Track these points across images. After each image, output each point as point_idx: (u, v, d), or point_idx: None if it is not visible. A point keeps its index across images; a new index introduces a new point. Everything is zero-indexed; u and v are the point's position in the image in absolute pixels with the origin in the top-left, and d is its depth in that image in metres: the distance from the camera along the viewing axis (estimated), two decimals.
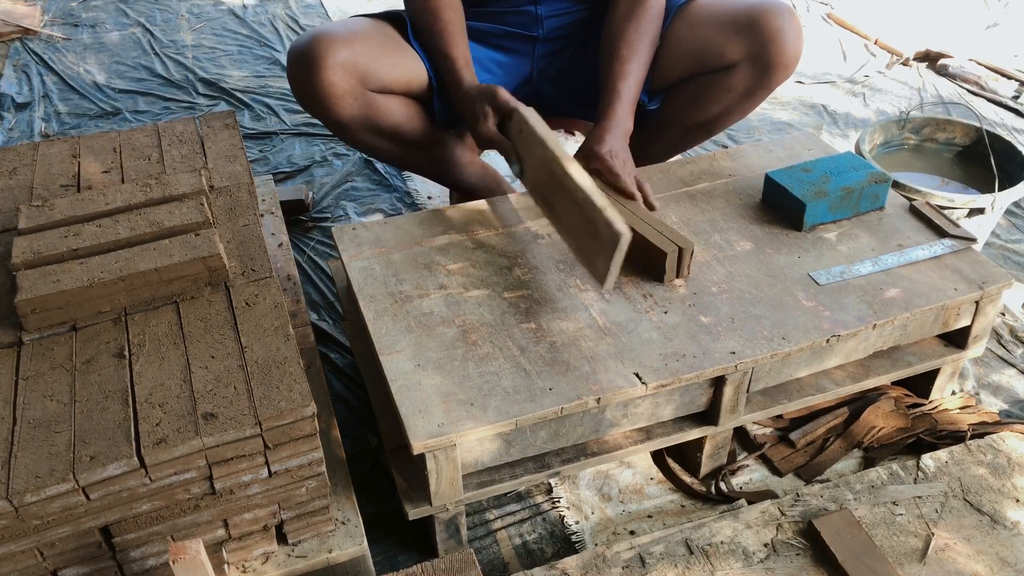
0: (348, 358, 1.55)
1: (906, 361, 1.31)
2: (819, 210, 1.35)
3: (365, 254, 1.33)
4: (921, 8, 2.96)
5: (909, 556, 1.09)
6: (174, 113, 2.40)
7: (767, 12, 1.42)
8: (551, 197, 1.29)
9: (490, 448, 1.10)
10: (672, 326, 1.19)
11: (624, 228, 1.13)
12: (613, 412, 1.14)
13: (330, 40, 1.37)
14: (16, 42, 2.84)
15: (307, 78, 1.38)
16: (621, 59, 1.42)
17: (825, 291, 1.25)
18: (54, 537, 0.91)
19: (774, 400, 1.26)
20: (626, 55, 1.42)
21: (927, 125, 1.76)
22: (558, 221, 1.30)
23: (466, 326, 1.19)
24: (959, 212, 1.54)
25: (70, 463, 0.89)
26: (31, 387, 0.99)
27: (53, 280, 1.06)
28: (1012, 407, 1.42)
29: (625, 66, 1.42)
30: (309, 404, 0.95)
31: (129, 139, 1.44)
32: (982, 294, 1.25)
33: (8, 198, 1.32)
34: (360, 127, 1.46)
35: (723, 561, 1.08)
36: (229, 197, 1.28)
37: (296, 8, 3.03)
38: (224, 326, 1.06)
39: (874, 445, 1.33)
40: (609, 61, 1.44)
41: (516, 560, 1.20)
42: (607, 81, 1.43)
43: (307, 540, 1.07)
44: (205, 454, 0.93)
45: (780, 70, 1.45)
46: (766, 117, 2.32)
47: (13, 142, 2.28)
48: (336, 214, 1.94)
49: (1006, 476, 1.20)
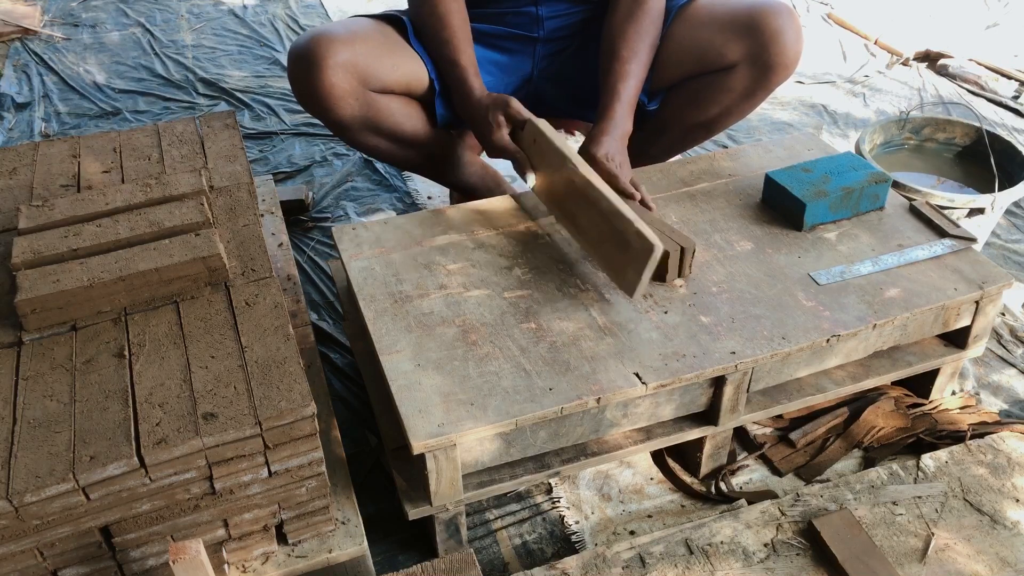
0: (348, 358, 1.55)
1: (906, 361, 1.31)
2: (819, 210, 1.35)
3: (365, 254, 1.33)
4: (921, 8, 2.96)
5: (909, 556, 1.09)
6: (174, 113, 2.40)
7: (767, 13, 1.42)
8: (573, 208, 1.30)
9: (490, 448, 1.10)
10: (672, 326, 1.19)
11: (656, 240, 1.15)
12: (613, 412, 1.14)
13: (331, 40, 1.37)
14: (16, 42, 2.84)
15: (308, 78, 1.38)
16: (621, 60, 1.42)
17: (825, 291, 1.25)
18: (54, 537, 0.91)
19: (774, 400, 1.26)
20: (626, 56, 1.42)
21: (927, 125, 1.76)
22: (579, 232, 1.30)
23: (466, 326, 1.19)
24: (959, 212, 1.54)
25: (70, 463, 0.89)
26: (31, 387, 0.99)
27: (53, 280, 1.06)
28: (1012, 407, 1.42)
29: (625, 67, 1.42)
30: (309, 404, 0.95)
31: (129, 139, 1.44)
32: (982, 294, 1.25)
33: (8, 198, 1.32)
34: (360, 127, 1.46)
35: (723, 561, 1.08)
36: (229, 197, 1.28)
37: (296, 8, 3.03)
38: (224, 326, 1.06)
39: (874, 445, 1.33)
40: (609, 62, 1.44)
41: (516, 560, 1.20)
42: (606, 82, 1.43)
43: (307, 540, 1.07)
44: (205, 454, 0.93)
45: (780, 71, 1.45)
46: (766, 117, 2.32)
47: (13, 142, 2.28)
48: (336, 214, 1.94)
49: (1006, 476, 1.20)
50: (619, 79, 1.42)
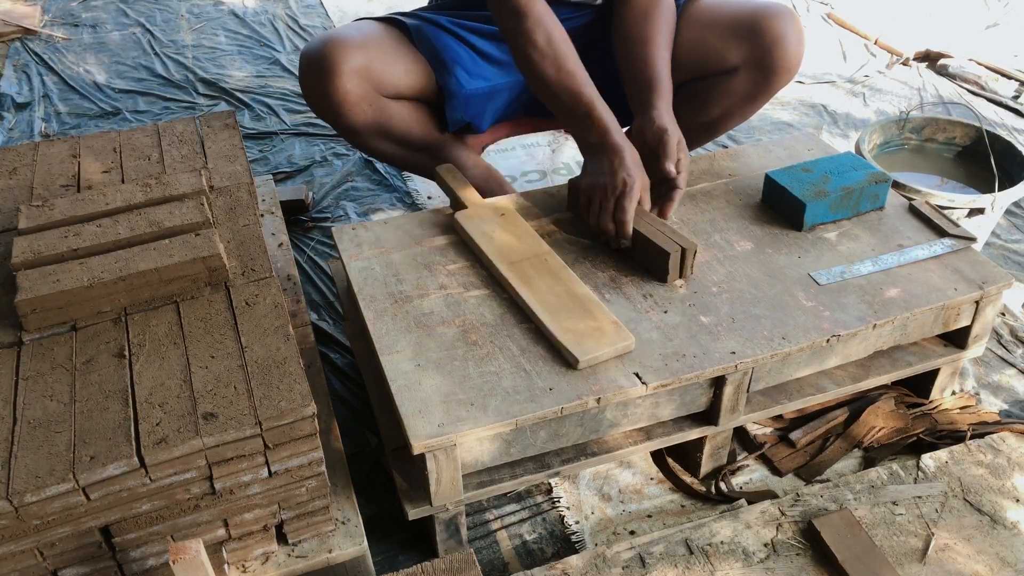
0: (348, 358, 1.55)
1: (906, 361, 1.31)
2: (819, 210, 1.35)
3: (365, 254, 1.33)
4: (921, 8, 2.96)
5: (909, 556, 1.09)
6: (174, 113, 2.40)
7: (769, 16, 1.41)
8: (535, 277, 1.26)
9: (490, 448, 1.10)
10: (672, 326, 1.19)
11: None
12: (613, 412, 1.14)
13: (345, 46, 1.36)
14: (16, 42, 2.84)
15: (322, 84, 1.37)
16: (650, 43, 1.39)
17: (825, 291, 1.25)
18: (54, 537, 0.91)
19: (774, 400, 1.26)
20: (654, 40, 1.39)
21: (927, 125, 1.76)
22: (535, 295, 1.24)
23: (466, 326, 1.19)
24: (959, 212, 1.54)
25: (70, 463, 0.89)
26: (31, 387, 0.99)
27: (53, 280, 1.06)
28: (1012, 407, 1.42)
29: (656, 51, 1.38)
30: (309, 404, 0.95)
31: (129, 139, 1.44)
32: (982, 294, 1.25)
33: (8, 198, 1.32)
34: (373, 132, 1.46)
35: (723, 561, 1.08)
36: (229, 197, 1.28)
37: (296, 8, 3.03)
38: (224, 326, 1.06)
39: (874, 445, 1.33)
40: (636, 49, 1.39)
41: (516, 560, 1.20)
42: (640, 66, 1.38)
43: (307, 540, 1.07)
44: (205, 454, 0.93)
45: (781, 74, 1.45)
46: (766, 117, 2.32)
47: (13, 142, 2.28)
48: (336, 214, 1.94)
49: (1006, 476, 1.20)
50: (654, 61, 1.37)
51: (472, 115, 1.56)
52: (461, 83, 1.50)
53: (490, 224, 1.34)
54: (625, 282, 1.27)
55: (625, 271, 1.29)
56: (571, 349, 1.12)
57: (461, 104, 1.52)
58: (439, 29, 1.51)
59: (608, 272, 1.29)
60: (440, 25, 1.51)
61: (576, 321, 1.16)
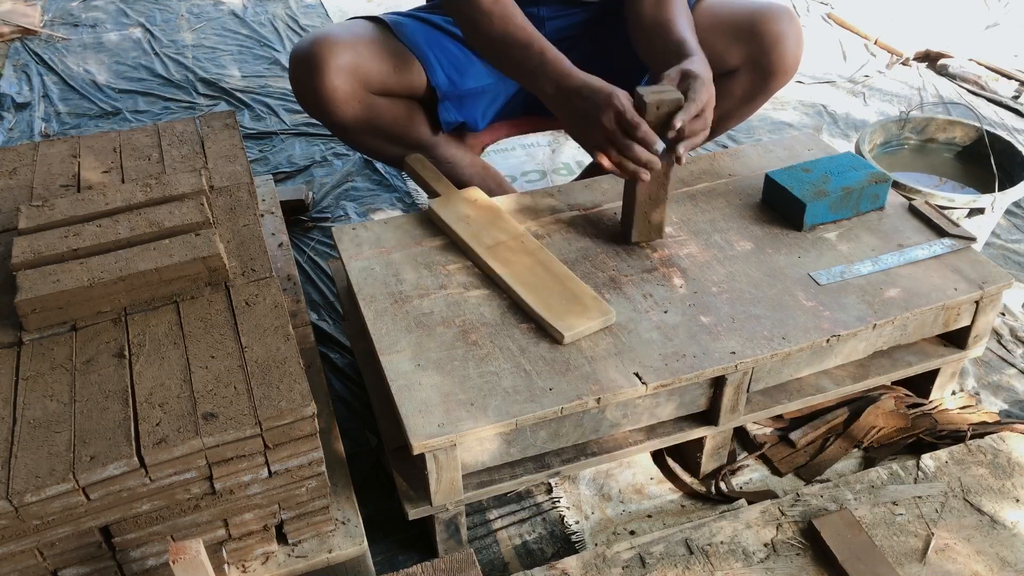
0: (348, 358, 1.55)
1: (906, 361, 1.31)
2: (819, 210, 1.35)
3: (365, 254, 1.33)
4: (921, 8, 2.96)
5: (909, 556, 1.09)
6: (174, 113, 2.40)
7: (768, 17, 1.41)
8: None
9: (490, 448, 1.10)
10: (672, 326, 1.19)
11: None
12: (613, 412, 1.14)
13: (333, 43, 1.37)
14: (16, 42, 2.84)
15: (310, 81, 1.38)
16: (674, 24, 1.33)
17: (825, 291, 1.25)
18: (54, 537, 0.91)
19: (774, 400, 1.26)
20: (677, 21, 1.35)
21: (927, 125, 1.76)
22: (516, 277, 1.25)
23: (466, 326, 1.19)
24: (959, 212, 1.54)
25: (70, 463, 0.89)
26: (31, 387, 0.99)
27: (53, 280, 1.06)
28: (1012, 407, 1.42)
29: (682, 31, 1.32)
30: (309, 404, 0.95)
31: (129, 139, 1.44)
32: (982, 294, 1.25)
33: (8, 198, 1.32)
34: (362, 129, 1.46)
35: (723, 561, 1.08)
36: (229, 197, 1.28)
37: (296, 8, 3.03)
38: (224, 326, 1.06)
39: (874, 445, 1.33)
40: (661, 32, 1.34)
41: (516, 560, 1.20)
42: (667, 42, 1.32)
43: (307, 540, 1.07)
44: (205, 454, 0.93)
45: (780, 76, 1.45)
46: (766, 117, 2.32)
47: (13, 142, 2.28)
48: (336, 214, 1.94)
49: (1006, 476, 1.20)
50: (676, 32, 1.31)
51: (466, 115, 1.56)
52: (453, 82, 1.50)
53: (465, 210, 1.37)
54: (625, 282, 1.27)
55: (625, 271, 1.29)
56: (555, 325, 1.15)
57: (454, 103, 1.53)
58: (433, 28, 1.51)
59: (608, 272, 1.29)
60: (434, 24, 1.51)
61: (557, 298, 1.20)
